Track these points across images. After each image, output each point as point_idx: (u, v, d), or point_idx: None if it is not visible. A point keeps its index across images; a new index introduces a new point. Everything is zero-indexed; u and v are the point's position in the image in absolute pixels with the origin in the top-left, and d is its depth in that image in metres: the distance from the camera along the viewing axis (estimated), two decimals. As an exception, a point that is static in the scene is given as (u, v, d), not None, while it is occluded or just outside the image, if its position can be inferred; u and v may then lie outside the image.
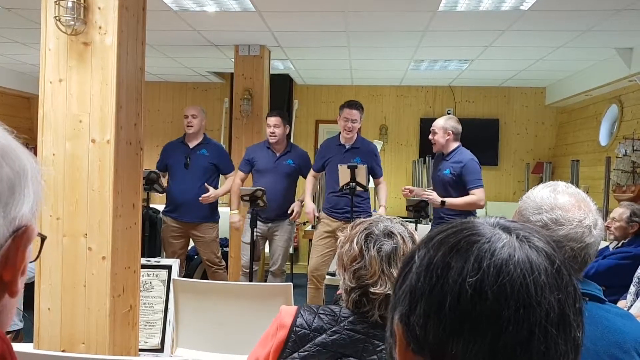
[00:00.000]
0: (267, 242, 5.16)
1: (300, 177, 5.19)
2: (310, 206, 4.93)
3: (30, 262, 0.77)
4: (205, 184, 5.04)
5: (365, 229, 1.52)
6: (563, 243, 1.43)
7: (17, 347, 2.49)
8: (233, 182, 5.13)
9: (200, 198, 4.98)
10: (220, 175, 5.29)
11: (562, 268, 0.64)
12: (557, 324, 0.61)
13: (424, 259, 0.66)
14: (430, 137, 4.63)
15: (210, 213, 5.17)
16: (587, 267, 1.46)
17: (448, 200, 4.39)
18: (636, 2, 4.08)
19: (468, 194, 4.39)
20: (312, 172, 5.09)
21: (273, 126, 5.00)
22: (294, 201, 5.13)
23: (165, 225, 5.19)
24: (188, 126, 5.15)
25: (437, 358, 0.62)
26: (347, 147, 4.85)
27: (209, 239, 5.18)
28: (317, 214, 4.99)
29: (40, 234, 0.76)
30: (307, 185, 5.05)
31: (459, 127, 4.57)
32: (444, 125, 4.53)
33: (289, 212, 5.00)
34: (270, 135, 5.02)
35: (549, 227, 1.44)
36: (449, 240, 0.66)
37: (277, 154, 5.08)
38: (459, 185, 4.43)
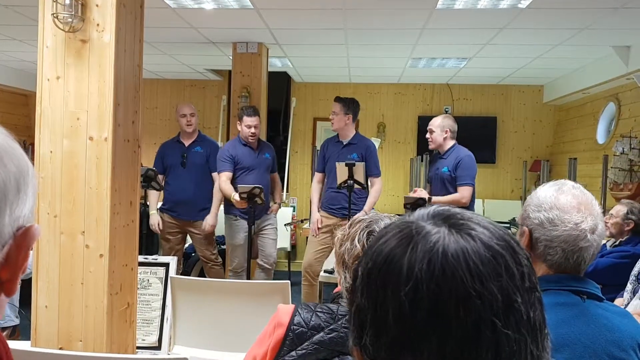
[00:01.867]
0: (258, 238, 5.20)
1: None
2: (315, 216, 4.94)
3: None
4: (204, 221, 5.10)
5: (366, 226, 1.52)
6: (555, 243, 1.43)
7: (14, 344, 2.48)
8: (221, 182, 4.96)
9: (205, 229, 5.08)
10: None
11: (500, 250, 0.61)
12: (505, 313, 0.59)
13: (364, 272, 0.65)
14: (427, 135, 4.67)
15: (207, 211, 5.19)
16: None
17: (434, 198, 4.42)
18: (634, 0, 4.08)
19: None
20: (316, 176, 5.11)
21: (254, 127, 4.96)
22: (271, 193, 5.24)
23: (162, 223, 5.21)
24: (188, 125, 5.18)
25: None
26: (344, 143, 4.89)
27: (205, 235, 5.21)
28: (320, 226, 4.95)
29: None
30: (312, 194, 5.07)
31: (455, 126, 4.63)
32: (441, 124, 4.58)
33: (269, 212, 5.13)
34: (251, 136, 4.97)
35: (544, 226, 1.44)
36: (384, 248, 0.64)
37: (255, 150, 5.09)
38: (456, 181, 4.48)
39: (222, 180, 4.94)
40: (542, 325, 0.63)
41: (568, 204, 1.44)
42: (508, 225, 6.63)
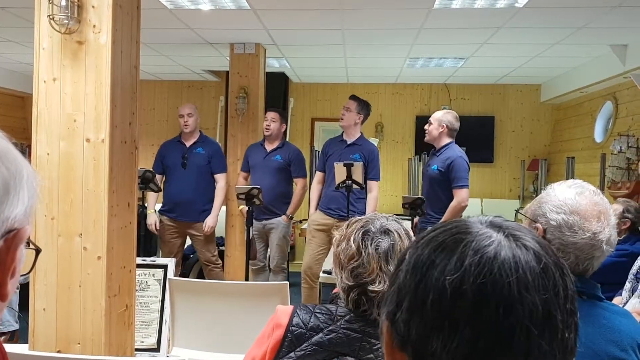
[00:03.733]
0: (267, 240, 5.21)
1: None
2: (310, 218, 4.96)
3: (23, 275, 0.76)
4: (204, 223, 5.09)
5: (361, 227, 1.52)
6: (569, 249, 1.39)
7: (12, 348, 2.48)
8: (238, 181, 5.25)
9: (205, 230, 5.06)
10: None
11: (551, 267, 0.63)
12: (542, 325, 0.60)
13: (413, 256, 0.67)
14: (425, 126, 4.58)
15: (207, 212, 5.16)
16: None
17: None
18: (631, -1, 4.08)
19: (451, 191, 4.32)
20: (316, 176, 5.10)
21: (270, 119, 5.15)
22: (288, 198, 5.19)
23: (161, 225, 5.16)
24: (184, 125, 5.15)
25: (419, 354, 0.63)
26: (348, 142, 4.89)
27: (205, 237, 5.17)
28: (315, 226, 4.97)
29: (35, 247, 0.76)
30: (311, 195, 5.08)
31: (456, 125, 4.49)
32: (441, 118, 4.47)
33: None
34: (266, 128, 5.15)
35: (561, 230, 1.39)
36: (437, 238, 0.66)
37: (268, 150, 5.17)
38: (445, 182, 4.35)
39: (240, 182, 5.22)
40: (574, 349, 0.64)
41: (589, 212, 1.39)
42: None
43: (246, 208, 4.91)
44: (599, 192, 1.47)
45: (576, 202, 1.42)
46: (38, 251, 0.78)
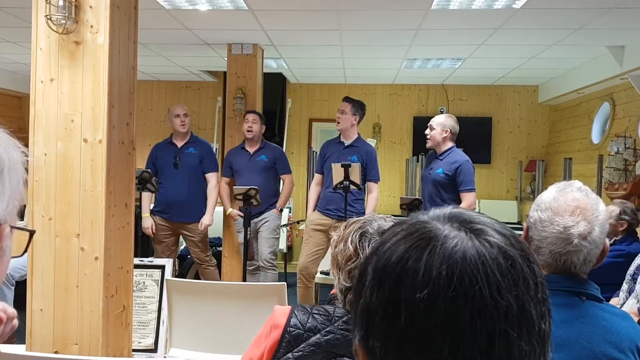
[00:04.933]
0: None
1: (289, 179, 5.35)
2: (308, 219, 4.97)
3: (15, 257, 0.73)
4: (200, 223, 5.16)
5: (359, 228, 1.52)
6: (543, 244, 1.43)
7: (9, 348, 2.47)
8: (220, 186, 5.34)
9: (201, 229, 5.14)
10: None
11: (518, 259, 0.61)
12: (518, 324, 0.59)
13: (376, 270, 0.63)
14: (426, 131, 4.56)
15: (200, 212, 5.18)
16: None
17: None
18: (628, 0, 4.09)
19: (458, 194, 4.37)
20: (315, 178, 5.12)
21: (251, 121, 5.24)
22: (277, 195, 5.32)
23: (156, 226, 5.16)
24: (182, 125, 5.16)
25: None
26: (345, 144, 4.89)
27: (198, 238, 5.19)
28: (313, 227, 4.98)
29: (29, 229, 0.73)
30: (310, 197, 5.11)
31: (457, 128, 4.53)
32: (443, 123, 4.49)
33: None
34: (248, 131, 5.22)
35: (536, 226, 1.44)
36: (399, 247, 0.62)
37: (251, 152, 5.27)
38: (451, 185, 4.40)
39: (222, 187, 5.34)
40: (549, 336, 0.63)
41: (563, 207, 1.42)
42: (519, 226, 6.63)
43: (235, 212, 5.07)
44: (588, 190, 1.47)
45: (553, 199, 1.45)
46: (32, 233, 0.73)
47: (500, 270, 0.59)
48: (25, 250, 0.77)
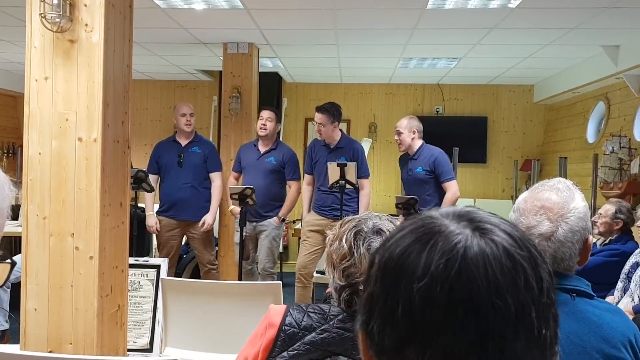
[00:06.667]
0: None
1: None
2: (305, 219, 4.95)
3: None
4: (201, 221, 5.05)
5: (354, 226, 1.52)
6: None
7: (3, 348, 2.46)
8: (228, 181, 5.19)
9: (202, 229, 5.03)
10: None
11: (523, 261, 0.60)
12: (515, 326, 0.58)
13: (381, 262, 0.65)
14: (395, 137, 4.77)
15: (204, 211, 5.13)
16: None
17: None
18: (623, 0, 4.10)
19: (441, 187, 4.58)
20: (305, 179, 5.08)
21: (266, 119, 5.01)
22: (281, 200, 5.11)
23: (161, 225, 5.11)
24: (187, 124, 5.12)
25: None
26: (331, 147, 4.88)
27: (204, 236, 5.14)
28: (310, 227, 4.96)
29: (11, 260, 0.72)
30: (303, 197, 5.07)
31: (421, 126, 4.75)
32: (409, 125, 4.68)
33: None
34: (261, 128, 5.02)
35: None
36: (404, 241, 0.63)
37: (261, 152, 5.08)
38: (433, 179, 4.60)
39: (230, 182, 5.17)
40: (553, 343, 0.62)
41: (529, 207, 1.40)
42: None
43: (237, 209, 4.92)
44: (561, 187, 1.41)
45: (523, 199, 1.43)
46: (13, 264, 0.73)
47: (502, 270, 0.59)
48: (6, 281, 0.76)
